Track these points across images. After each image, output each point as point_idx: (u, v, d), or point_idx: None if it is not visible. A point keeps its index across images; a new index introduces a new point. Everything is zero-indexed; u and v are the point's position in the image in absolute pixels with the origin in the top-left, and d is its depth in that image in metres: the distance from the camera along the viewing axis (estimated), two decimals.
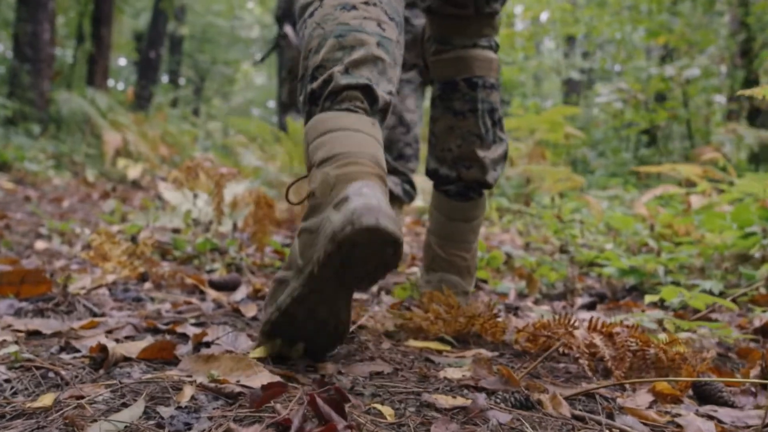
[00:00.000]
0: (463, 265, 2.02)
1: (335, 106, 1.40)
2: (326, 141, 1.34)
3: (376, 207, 1.16)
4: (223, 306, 1.91)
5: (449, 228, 2.02)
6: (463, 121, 1.96)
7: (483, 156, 1.95)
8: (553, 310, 2.31)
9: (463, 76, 1.96)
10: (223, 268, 2.37)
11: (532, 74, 15.33)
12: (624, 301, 2.55)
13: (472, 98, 1.96)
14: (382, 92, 1.45)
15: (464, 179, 1.98)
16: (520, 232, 4.57)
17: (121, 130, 6.98)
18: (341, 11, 1.50)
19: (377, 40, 1.48)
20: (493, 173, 1.99)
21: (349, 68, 1.42)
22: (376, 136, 1.38)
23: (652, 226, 3.23)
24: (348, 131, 1.35)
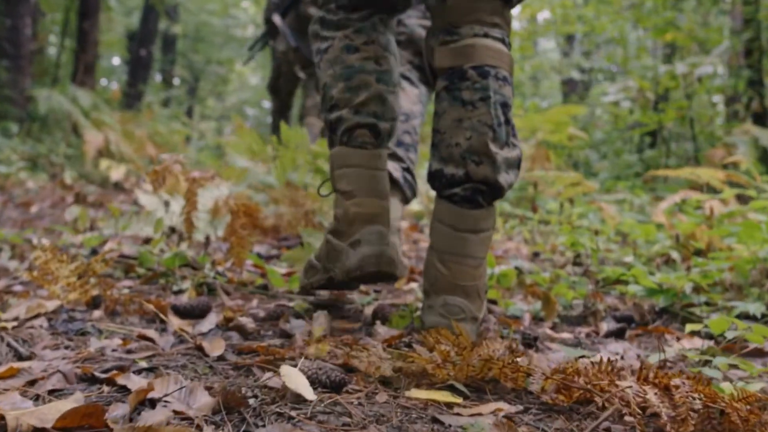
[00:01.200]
0: (470, 286, 1.71)
1: (351, 142, 1.91)
2: (346, 174, 1.89)
3: (378, 254, 1.79)
4: (186, 341, 1.59)
5: (455, 240, 1.72)
6: (473, 111, 1.73)
7: (495, 152, 1.71)
8: (576, 338, 1.98)
9: (472, 63, 1.74)
10: (193, 288, 2.05)
11: (529, 75, 15.03)
12: (654, 326, 2.23)
13: (483, 86, 1.73)
14: (384, 125, 1.92)
15: (473, 178, 1.72)
16: (526, 240, 4.25)
17: (104, 129, 6.64)
18: (347, 54, 1.92)
19: (376, 77, 1.91)
20: (506, 176, 1.74)
21: (357, 108, 1.90)
22: (382, 167, 1.92)
23: (677, 237, 2.91)
24: (361, 169, 1.89)
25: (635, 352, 1.82)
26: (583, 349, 1.86)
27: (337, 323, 1.85)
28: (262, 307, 2.02)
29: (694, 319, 2.25)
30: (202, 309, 1.82)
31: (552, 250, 3.93)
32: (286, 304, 2.01)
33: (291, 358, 1.41)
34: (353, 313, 2.03)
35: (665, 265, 3.21)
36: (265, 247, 3.28)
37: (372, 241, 1.80)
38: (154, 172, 2.21)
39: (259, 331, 1.71)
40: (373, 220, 1.84)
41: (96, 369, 1.28)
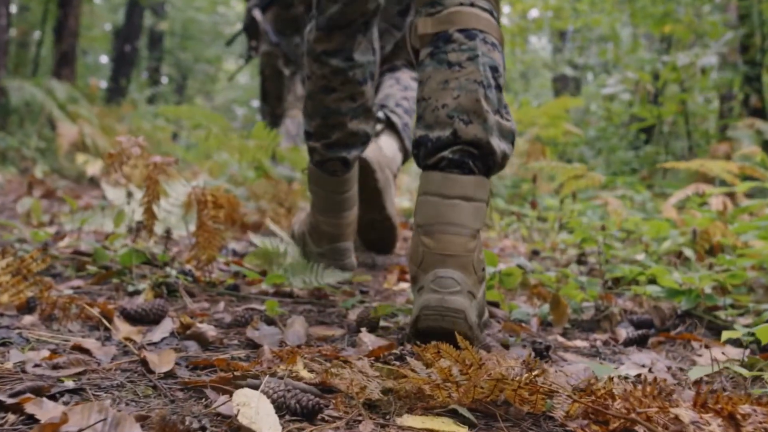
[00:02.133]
0: (464, 257, 1.44)
1: (323, 169, 2.24)
2: (318, 194, 2.29)
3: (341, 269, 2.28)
4: (131, 352, 1.31)
5: (443, 209, 1.47)
6: (461, 71, 1.57)
7: (486, 110, 1.54)
8: (592, 347, 1.72)
9: (459, 27, 1.61)
10: (150, 289, 1.77)
11: (520, 72, 14.78)
12: (677, 332, 1.96)
13: (470, 47, 1.59)
14: (353, 156, 2.23)
15: (462, 138, 1.52)
16: (524, 237, 3.98)
17: (80, 122, 6.34)
18: (324, 95, 2.13)
19: (350, 115, 2.16)
20: (499, 142, 1.56)
21: (329, 146, 2.19)
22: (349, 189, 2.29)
23: (695, 233, 2.65)
24: (330, 194, 2.27)
25: (664, 363, 1.56)
26: (602, 359, 1.60)
27: (315, 330, 1.58)
28: (230, 310, 1.75)
29: (720, 324, 1.99)
30: (156, 313, 1.55)
31: (552, 247, 3.67)
32: (257, 308, 1.74)
33: (255, 376, 1.14)
34: (335, 318, 1.76)
35: (680, 264, 2.96)
36: (243, 244, 3.01)
37: (335, 258, 2.31)
38: (110, 155, 1.93)
39: (222, 340, 1.43)
40: (339, 237, 2.31)
41: (5, 391, 1.01)
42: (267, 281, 1.99)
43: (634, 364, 1.53)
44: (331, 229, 2.29)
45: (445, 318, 1.36)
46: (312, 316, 1.75)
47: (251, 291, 2.02)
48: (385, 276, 2.68)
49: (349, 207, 2.30)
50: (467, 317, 1.38)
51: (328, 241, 2.31)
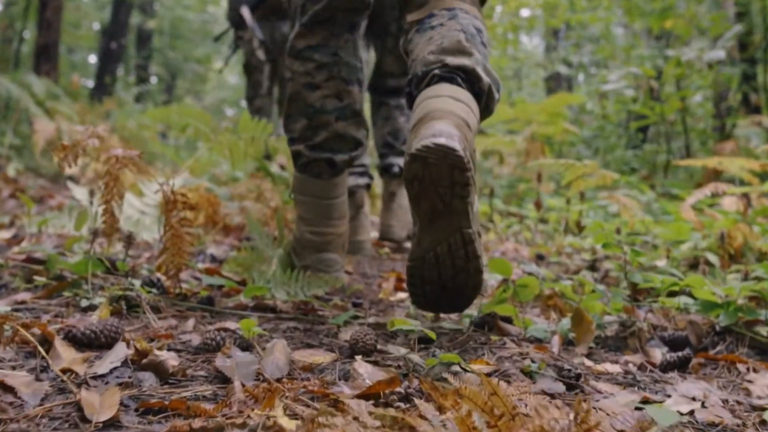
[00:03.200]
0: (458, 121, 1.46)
1: (308, 172, 2.08)
2: (303, 202, 2.10)
3: None
4: (67, 390, 1.05)
5: (433, 103, 1.50)
6: (442, 27, 1.70)
7: (470, 48, 1.64)
8: (627, 372, 1.46)
9: (441, 7, 1.76)
10: (106, 305, 1.50)
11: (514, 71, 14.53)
12: (717, 351, 1.71)
13: (451, 15, 1.73)
14: (340, 158, 2.06)
15: (449, 65, 1.61)
16: (527, 240, 3.73)
17: (58, 119, 6.05)
18: (308, 92, 2.01)
19: (336, 115, 2.02)
20: (485, 75, 1.63)
21: (314, 147, 2.05)
22: (337, 195, 2.10)
23: (723, 236, 2.40)
24: (315, 199, 2.08)
25: (717, 395, 1.30)
26: (641, 389, 1.34)
27: (300, 355, 1.32)
28: (200, 330, 1.49)
29: (763, 341, 1.75)
30: (108, 336, 1.28)
31: (558, 251, 3.42)
32: (233, 326, 1.47)
33: (220, 428, 0.88)
34: (324, 338, 1.49)
35: (698, 270, 2.71)
36: (224, 249, 2.74)
37: (319, 269, 2.04)
38: (62, 147, 1.66)
39: (186, 371, 1.17)
40: (325, 247, 2.08)
41: None
42: (246, 294, 1.73)
43: (682, 397, 1.27)
44: (315, 239, 2.07)
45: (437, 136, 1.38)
46: (297, 337, 1.48)
47: (228, 304, 1.76)
48: (380, 285, 2.42)
49: (336, 216, 2.10)
50: (462, 142, 1.40)
51: (313, 251, 2.08)
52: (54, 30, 9.09)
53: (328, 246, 2.08)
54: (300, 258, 2.09)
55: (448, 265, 1.50)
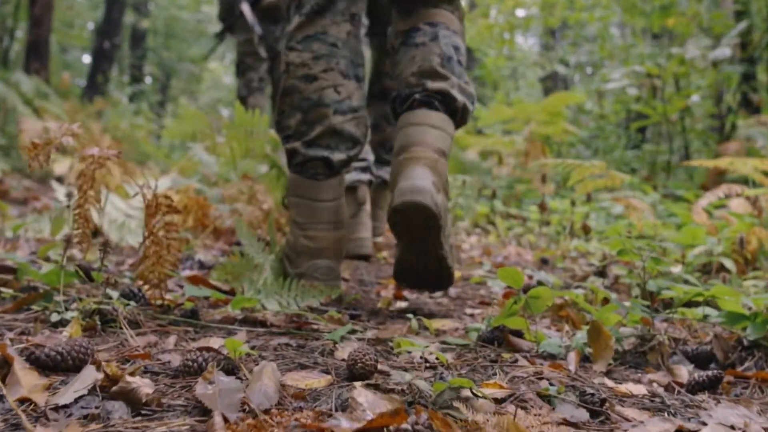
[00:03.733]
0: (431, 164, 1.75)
1: (303, 173, 1.97)
2: (297, 204, 1.98)
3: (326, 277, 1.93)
4: (21, 427, 0.90)
5: (413, 132, 1.81)
6: (424, 48, 1.93)
7: (446, 73, 1.90)
8: (653, 394, 1.32)
9: (425, 21, 1.97)
10: (78, 321, 1.36)
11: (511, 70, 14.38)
12: (744, 368, 1.58)
13: (434, 33, 1.95)
14: (337, 157, 1.96)
15: (429, 89, 1.88)
16: (530, 244, 3.59)
17: (47, 118, 5.89)
18: (305, 84, 1.95)
19: (334, 108, 1.94)
20: (459, 94, 1.90)
21: (310, 143, 1.95)
22: (333, 198, 1.98)
23: (742, 241, 2.26)
24: (311, 202, 1.96)
25: (760, 423, 1.17)
26: (672, 414, 1.20)
27: (292, 378, 1.18)
28: (181, 348, 1.34)
29: None
30: (76, 358, 1.14)
31: (563, 255, 3.28)
32: (219, 343, 1.33)
33: None
34: (319, 357, 1.35)
35: (712, 277, 2.57)
36: (214, 254, 2.60)
37: (314, 278, 1.92)
38: (33, 145, 1.52)
39: (161, 399, 1.03)
40: (320, 254, 1.95)
41: None
42: (233, 306, 1.59)
43: (719, 425, 1.14)
44: (310, 244, 1.95)
45: (415, 192, 1.66)
46: (289, 355, 1.34)
47: (215, 317, 1.62)
48: (378, 293, 2.28)
49: (333, 220, 1.97)
50: (433, 196, 1.68)
51: (308, 257, 1.95)
52: (44, 27, 8.94)
53: (323, 252, 1.95)
54: (294, 265, 1.97)
55: (425, 271, 1.86)
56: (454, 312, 2.04)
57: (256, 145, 2.99)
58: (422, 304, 2.13)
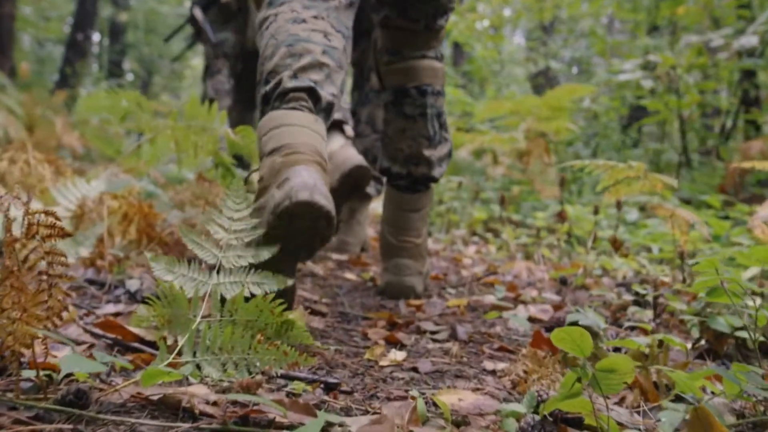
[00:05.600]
0: (414, 251, 2.24)
1: (284, 105, 1.63)
2: (275, 134, 1.56)
3: (311, 185, 1.40)
4: None
5: (400, 217, 2.26)
6: (414, 124, 2.22)
7: (430, 155, 2.24)
8: None
9: (413, 84, 2.20)
10: None
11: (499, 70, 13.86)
12: None
13: (422, 104, 2.20)
14: (326, 93, 1.68)
15: (413, 175, 2.25)
16: (545, 259, 3.05)
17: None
18: (292, 24, 1.75)
19: (323, 48, 1.73)
20: (438, 169, 2.28)
21: (297, 73, 1.66)
22: (319, 131, 1.59)
23: None
24: (294, 126, 1.57)
25: None
26: None
27: None
28: None
29: None
30: None
31: (585, 274, 2.74)
32: None
33: None
34: None
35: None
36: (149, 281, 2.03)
37: (303, 175, 1.43)
38: None
39: None
40: (305, 164, 1.48)
41: None
42: (144, 381, 1.02)
43: None
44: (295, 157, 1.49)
45: (402, 291, 2.22)
46: None
47: (112, 400, 1.06)
48: (365, 333, 1.73)
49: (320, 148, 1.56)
50: (416, 290, 2.24)
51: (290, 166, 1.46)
52: (6, 18, 8.35)
53: (305, 162, 1.48)
54: (272, 185, 1.46)
55: None
56: (468, 367, 1.49)
57: (207, 142, 2.44)
58: (423, 353, 1.59)
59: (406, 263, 2.23)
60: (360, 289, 2.38)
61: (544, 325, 1.97)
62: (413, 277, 2.23)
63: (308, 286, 2.28)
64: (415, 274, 2.24)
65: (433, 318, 1.96)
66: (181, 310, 1.33)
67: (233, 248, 1.42)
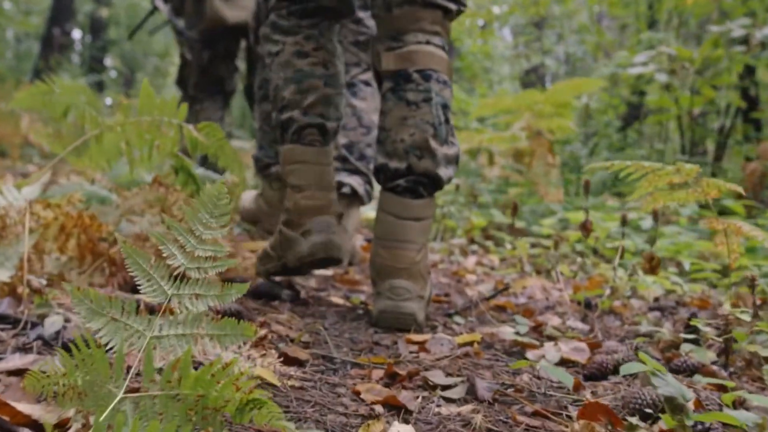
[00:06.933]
0: (414, 270, 1.88)
1: (301, 140, 2.07)
2: (297, 170, 2.06)
3: (327, 242, 1.98)
4: None
5: (397, 227, 1.90)
6: (417, 110, 1.92)
7: (435, 147, 1.91)
8: None
9: (417, 67, 1.94)
10: None
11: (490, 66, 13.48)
12: None
13: (426, 89, 1.93)
14: (331, 124, 2.09)
15: (415, 171, 1.91)
16: (563, 276, 2.64)
17: None
18: (297, 59, 2.07)
19: (324, 81, 2.07)
20: (445, 170, 1.94)
21: (306, 110, 2.06)
22: (328, 163, 2.09)
23: None
24: (310, 165, 2.05)
25: None
26: None
27: None
28: None
29: None
30: None
31: (613, 295, 2.33)
32: None
33: None
34: None
35: None
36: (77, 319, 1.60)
37: (321, 230, 2.01)
38: None
39: None
40: (322, 210, 2.04)
41: None
42: None
43: None
44: (312, 203, 2.05)
45: (399, 320, 1.83)
46: None
47: None
48: (355, 391, 1.31)
49: (328, 183, 2.08)
50: (416, 318, 1.84)
51: (313, 214, 2.04)
52: None
53: (324, 209, 2.05)
54: (297, 226, 2.04)
55: None
56: None
57: (164, 141, 2.02)
58: (436, 425, 1.17)
59: (403, 285, 1.85)
60: (348, 319, 1.96)
61: (584, 371, 1.57)
62: (412, 302, 1.84)
63: (284, 316, 1.86)
64: (414, 298, 1.85)
65: (443, 363, 1.54)
66: (99, 378, 0.92)
67: (191, 284, 1.00)
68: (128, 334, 0.93)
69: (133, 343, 0.93)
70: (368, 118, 2.90)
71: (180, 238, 0.96)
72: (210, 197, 0.99)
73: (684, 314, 2.32)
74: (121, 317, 0.94)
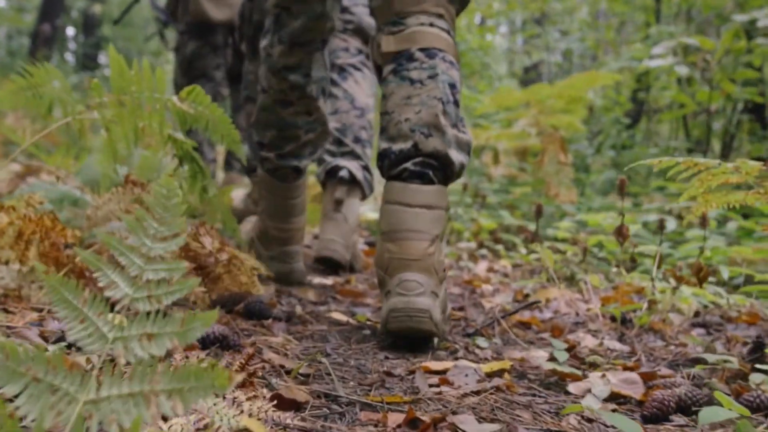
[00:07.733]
0: (425, 263, 1.59)
1: (275, 176, 2.23)
2: (270, 199, 2.27)
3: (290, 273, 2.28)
4: None
5: (405, 216, 1.62)
6: (422, 88, 1.71)
7: (445, 124, 1.68)
8: None
9: (420, 46, 1.75)
10: None
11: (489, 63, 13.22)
12: None
13: (431, 66, 1.73)
14: (306, 161, 2.25)
15: (422, 151, 1.67)
16: (595, 288, 2.37)
17: None
18: (281, 108, 2.15)
19: (306, 128, 2.19)
20: (457, 153, 1.70)
21: (283, 156, 2.20)
22: (299, 195, 2.27)
23: None
24: (280, 199, 2.25)
25: None
26: None
27: None
28: None
29: None
30: None
31: (650, 310, 2.07)
32: None
33: None
34: None
35: None
36: (53, 328, 1.32)
37: (284, 261, 2.27)
38: None
39: None
40: (287, 242, 2.28)
41: None
42: None
43: None
44: (280, 234, 2.26)
45: (413, 318, 1.55)
46: None
47: None
48: None
49: (298, 213, 2.28)
50: (432, 316, 1.56)
51: (279, 244, 2.27)
52: None
53: (289, 240, 2.27)
54: (266, 248, 2.28)
55: None
56: None
57: (151, 122, 1.75)
58: None
59: (415, 278, 1.58)
60: (353, 341, 1.68)
61: (641, 409, 1.29)
62: (426, 297, 1.57)
63: (279, 339, 1.58)
64: (428, 293, 1.58)
65: (471, 400, 1.27)
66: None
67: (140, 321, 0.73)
68: (55, 400, 0.66)
69: (61, 411, 0.66)
70: (362, 100, 2.76)
71: (121, 259, 0.69)
72: (158, 198, 0.71)
73: (732, 331, 2.05)
74: (45, 376, 0.67)
